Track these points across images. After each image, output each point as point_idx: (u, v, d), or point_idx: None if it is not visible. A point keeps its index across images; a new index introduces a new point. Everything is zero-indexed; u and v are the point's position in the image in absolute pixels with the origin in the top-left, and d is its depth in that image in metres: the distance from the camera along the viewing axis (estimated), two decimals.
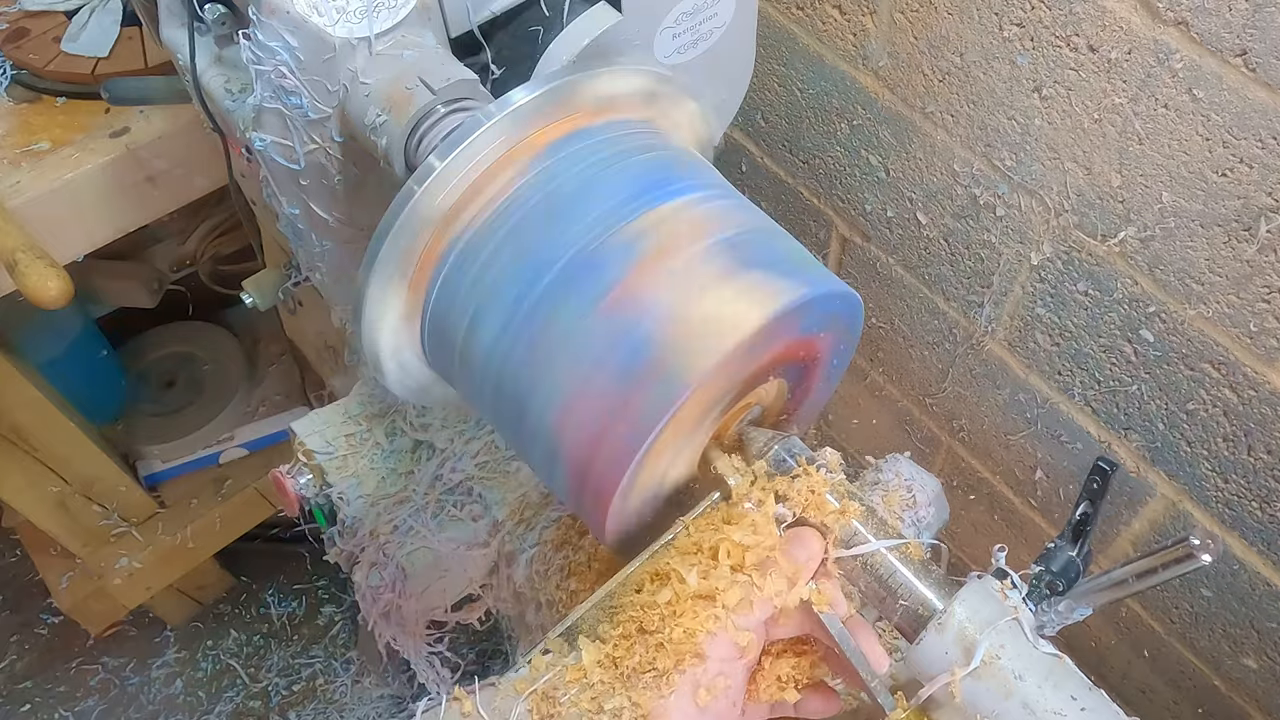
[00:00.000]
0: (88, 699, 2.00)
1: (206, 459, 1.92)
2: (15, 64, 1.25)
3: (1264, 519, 0.87)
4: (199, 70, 0.77)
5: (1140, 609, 1.06)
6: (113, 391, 1.92)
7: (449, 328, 0.63)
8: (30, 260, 0.99)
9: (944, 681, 0.54)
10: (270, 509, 1.96)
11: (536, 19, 0.72)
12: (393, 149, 0.63)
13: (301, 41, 0.62)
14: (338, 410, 1.04)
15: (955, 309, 1.07)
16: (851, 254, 1.18)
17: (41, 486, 1.63)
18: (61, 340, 1.71)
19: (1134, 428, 0.94)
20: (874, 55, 0.97)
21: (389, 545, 0.94)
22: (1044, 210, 0.90)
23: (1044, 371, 1.01)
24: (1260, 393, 0.81)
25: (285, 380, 2.04)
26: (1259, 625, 0.93)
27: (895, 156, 1.03)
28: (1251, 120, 0.70)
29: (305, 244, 0.78)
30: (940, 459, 1.25)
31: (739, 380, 0.60)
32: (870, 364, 1.27)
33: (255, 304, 1.20)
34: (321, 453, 1.01)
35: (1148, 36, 0.73)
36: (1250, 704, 1.01)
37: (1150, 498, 0.97)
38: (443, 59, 0.65)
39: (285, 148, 0.68)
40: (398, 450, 1.02)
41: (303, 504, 1.01)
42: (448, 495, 0.97)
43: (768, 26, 1.07)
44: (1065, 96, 0.81)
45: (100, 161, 1.18)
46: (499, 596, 0.99)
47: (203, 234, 1.84)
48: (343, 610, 2.11)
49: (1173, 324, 0.85)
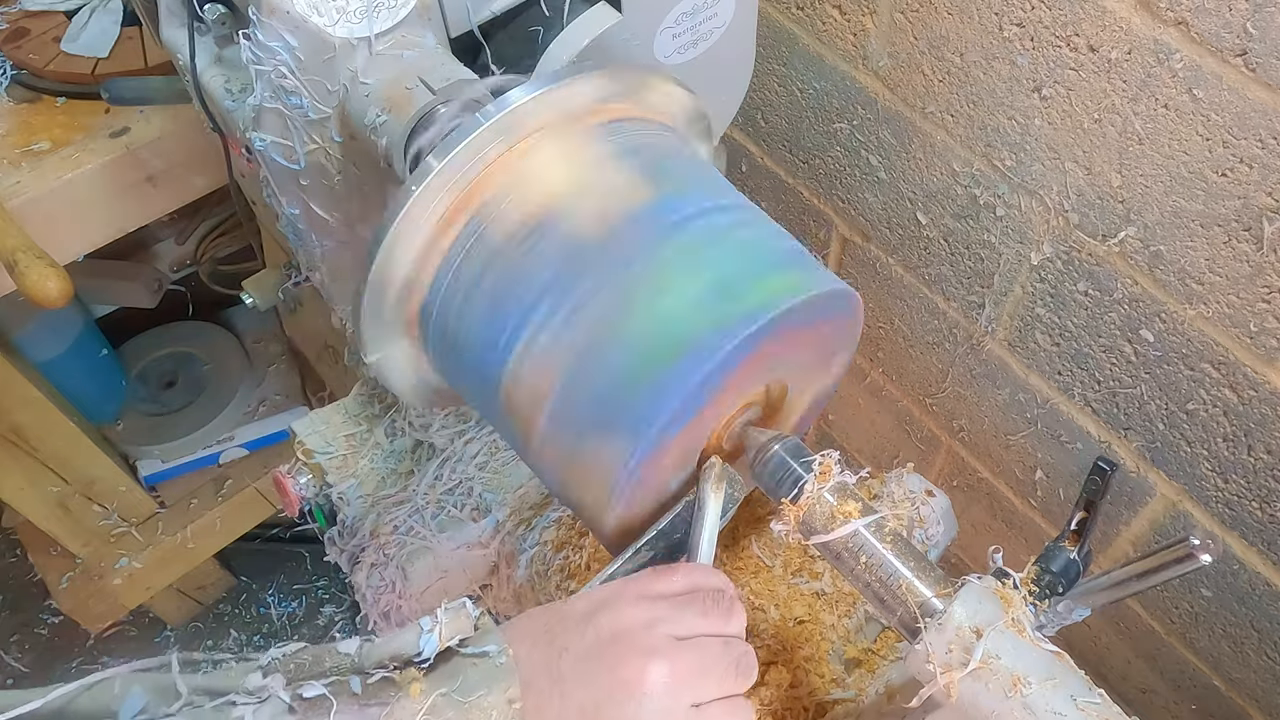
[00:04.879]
0: None
1: (206, 459, 1.92)
2: (15, 64, 1.25)
3: (1264, 519, 0.87)
4: (199, 70, 0.77)
5: (1140, 609, 1.06)
6: (113, 391, 1.92)
7: (450, 327, 0.63)
8: (30, 260, 0.99)
9: (944, 681, 0.54)
10: (270, 509, 1.96)
11: (536, 19, 0.72)
12: (393, 149, 0.63)
13: (301, 41, 0.62)
14: (338, 410, 1.04)
15: (955, 309, 1.07)
16: (851, 254, 1.18)
17: (41, 486, 1.63)
18: (61, 340, 1.71)
19: (1134, 428, 0.94)
20: (874, 55, 0.97)
21: (389, 545, 0.94)
22: (1044, 210, 0.90)
23: (1044, 371, 1.01)
24: (1260, 393, 0.81)
25: (285, 380, 2.03)
26: (1259, 625, 0.93)
27: (895, 156, 1.03)
28: (1251, 120, 0.70)
29: (305, 244, 0.78)
30: (940, 459, 1.25)
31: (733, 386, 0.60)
32: (870, 364, 1.27)
33: (255, 304, 1.20)
34: (321, 453, 1.01)
35: (1148, 36, 0.73)
36: (1250, 704, 1.01)
37: (1150, 498, 0.97)
38: (443, 59, 0.65)
39: (285, 148, 0.68)
40: (398, 450, 1.02)
41: (303, 504, 1.01)
42: (448, 495, 0.97)
43: (768, 26, 1.07)
44: (1065, 96, 0.81)
45: (100, 161, 1.18)
46: (499, 597, 0.99)
47: (203, 234, 1.84)
48: (343, 610, 2.11)
49: (1173, 324, 0.85)
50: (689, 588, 0.56)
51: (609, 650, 0.51)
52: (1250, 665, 0.97)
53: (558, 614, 0.55)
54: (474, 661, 0.50)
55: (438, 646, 0.49)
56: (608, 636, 0.52)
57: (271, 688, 0.47)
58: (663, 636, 0.52)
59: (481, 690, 0.48)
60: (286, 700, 0.46)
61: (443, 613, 0.51)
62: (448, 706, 0.47)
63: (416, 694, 0.47)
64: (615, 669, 0.51)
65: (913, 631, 0.57)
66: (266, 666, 0.48)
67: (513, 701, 0.49)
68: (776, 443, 0.63)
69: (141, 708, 0.45)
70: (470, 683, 0.48)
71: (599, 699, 0.50)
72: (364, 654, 0.49)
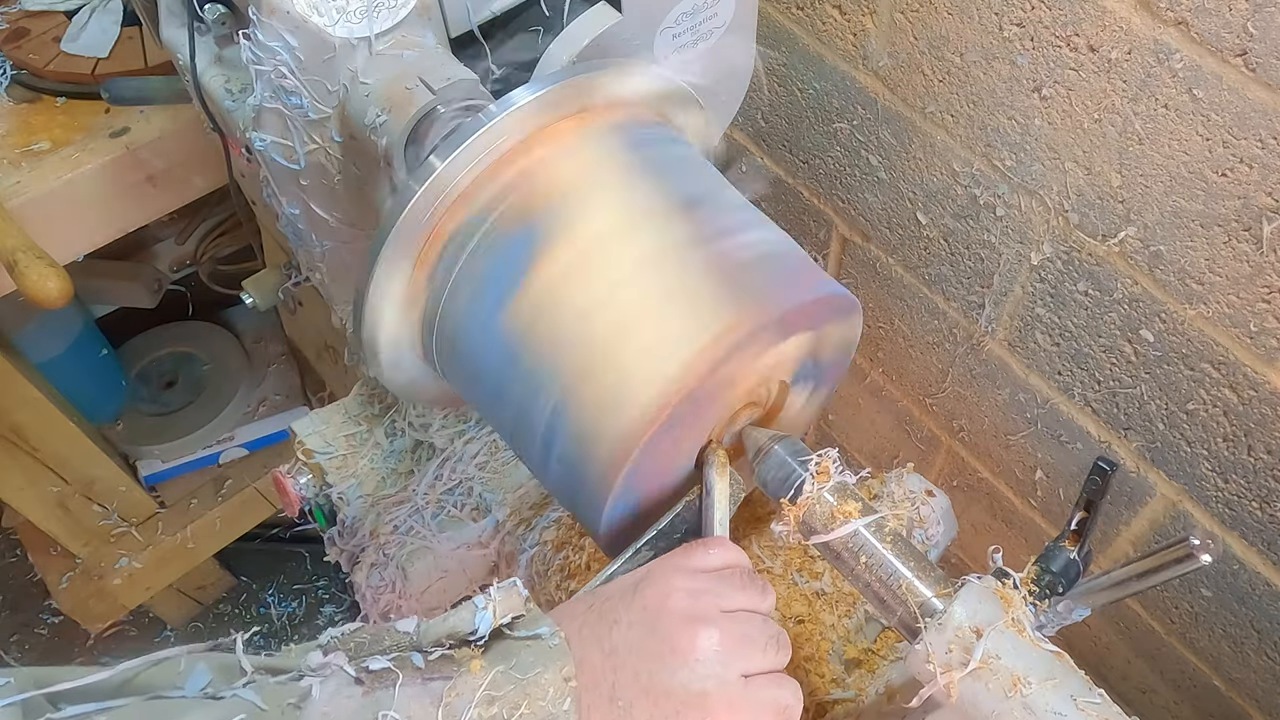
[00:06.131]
0: None
1: (206, 459, 1.93)
2: (15, 64, 1.25)
3: (1264, 519, 0.87)
4: (199, 70, 0.77)
5: (1140, 609, 1.06)
6: (113, 391, 1.92)
7: (449, 327, 0.63)
8: (30, 260, 0.99)
9: (944, 681, 0.54)
10: (270, 509, 1.96)
11: (536, 19, 0.72)
12: (393, 149, 0.63)
13: (301, 41, 0.62)
14: (338, 410, 1.04)
15: (955, 309, 1.07)
16: (851, 254, 1.18)
17: (41, 486, 1.63)
18: (61, 340, 1.71)
19: (1134, 428, 0.94)
20: (874, 55, 0.97)
21: (389, 545, 0.94)
22: (1044, 210, 0.90)
23: (1044, 371, 1.01)
24: (1260, 393, 0.81)
25: (285, 380, 2.04)
26: (1259, 625, 0.93)
27: (895, 156, 1.03)
28: (1251, 120, 0.70)
29: (305, 244, 0.78)
30: (940, 459, 1.25)
31: (725, 390, 0.60)
32: (870, 364, 1.27)
33: (255, 304, 1.20)
34: (321, 453, 1.01)
35: (1148, 36, 0.73)
36: (1250, 704, 1.01)
37: (1150, 498, 0.97)
38: (443, 59, 0.65)
39: (285, 148, 0.68)
40: (398, 450, 1.02)
41: (303, 504, 1.01)
42: (448, 495, 0.97)
43: (768, 26, 1.07)
44: (1065, 96, 0.81)
45: (100, 161, 1.18)
46: None
47: (203, 234, 1.84)
48: (343, 610, 2.11)
49: (1173, 324, 0.85)
50: (726, 563, 0.57)
51: (659, 620, 0.52)
52: (1250, 665, 0.97)
53: (600, 594, 0.55)
54: (527, 643, 0.50)
55: (492, 623, 0.50)
56: (655, 607, 0.53)
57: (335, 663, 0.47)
58: (709, 605, 0.53)
59: (538, 669, 0.49)
60: (352, 674, 0.47)
61: (495, 590, 0.52)
62: (506, 682, 0.48)
63: (477, 669, 0.48)
64: (666, 637, 0.51)
65: (913, 631, 0.57)
66: (326, 645, 0.49)
67: (568, 680, 0.49)
68: (776, 442, 0.63)
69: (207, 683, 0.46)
70: (525, 662, 0.49)
71: (653, 668, 0.51)
72: (422, 632, 0.50)
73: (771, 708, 0.53)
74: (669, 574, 0.55)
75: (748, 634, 0.53)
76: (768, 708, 0.52)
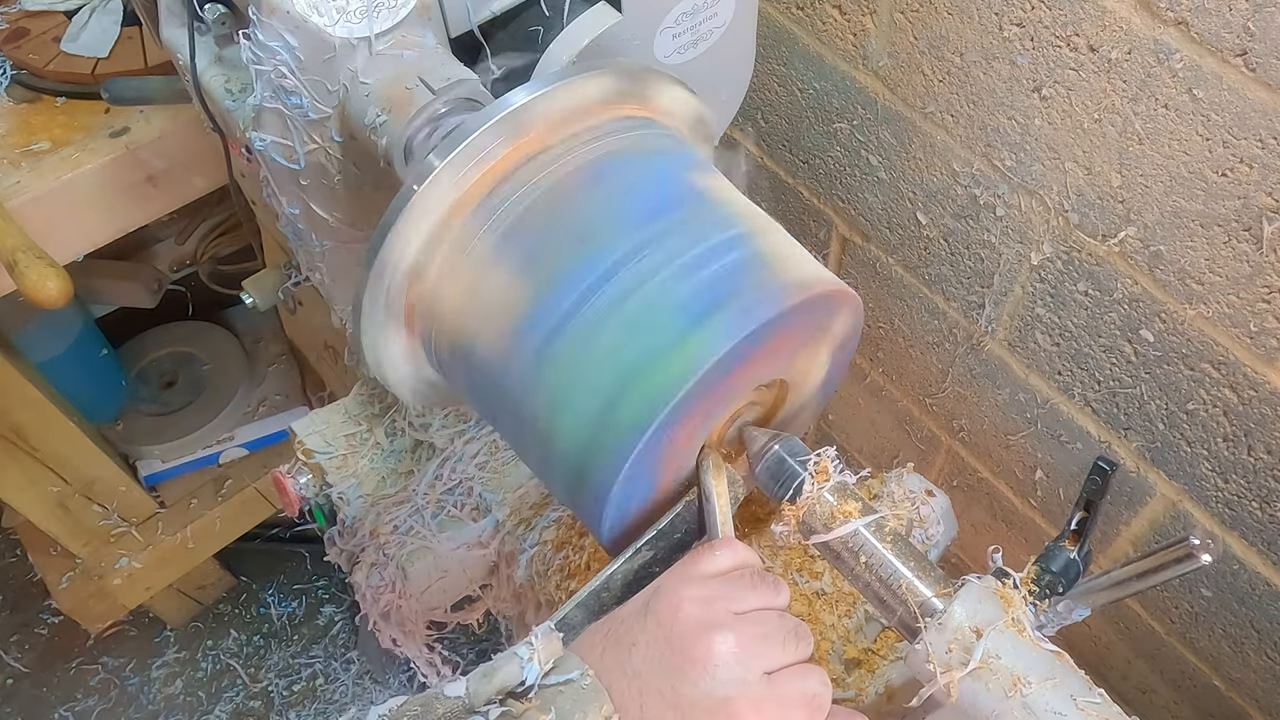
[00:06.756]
0: (88, 699, 2.00)
1: (206, 459, 1.93)
2: (15, 64, 1.25)
3: (1264, 519, 0.87)
4: (199, 70, 0.77)
5: (1140, 609, 1.06)
6: (112, 391, 1.92)
7: (450, 328, 0.63)
8: (30, 260, 0.99)
9: (944, 681, 0.54)
10: (270, 509, 1.96)
11: (536, 19, 0.72)
12: (393, 149, 0.63)
13: (301, 41, 0.62)
14: (338, 410, 1.04)
15: (955, 309, 1.07)
16: (851, 254, 1.18)
17: (41, 486, 1.63)
18: (61, 340, 1.71)
19: (1134, 428, 0.94)
20: (874, 55, 0.97)
21: (389, 545, 0.94)
22: (1044, 210, 0.90)
23: (1044, 371, 1.01)
24: (1260, 393, 0.81)
25: (285, 380, 2.04)
26: (1259, 625, 0.93)
27: (895, 156, 1.03)
28: (1251, 120, 0.70)
29: (305, 244, 0.78)
30: (940, 459, 1.25)
31: (722, 392, 0.60)
32: (870, 364, 1.27)
33: (255, 304, 1.20)
34: (321, 453, 1.01)
35: (1148, 36, 0.73)
36: (1250, 704, 1.01)
37: (1150, 498, 0.97)
38: (443, 59, 0.65)
39: (285, 148, 0.68)
40: (398, 450, 1.02)
41: (303, 504, 1.01)
42: (448, 495, 0.97)
43: (768, 26, 1.07)
44: (1065, 96, 0.81)
45: (100, 161, 1.18)
46: (499, 597, 0.99)
47: (203, 234, 1.84)
48: (343, 610, 2.11)
49: (1173, 324, 0.85)
50: (734, 564, 0.57)
51: (673, 633, 0.52)
52: (1250, 665, 0.97)
53: (614, 619, 0.56)
54: (560, 689, 0.51)
55: (539, 673, 0.51)
56: (668, 621, 0.53)
57: None
58: (721, 610, 0.53)
59: (577, 715, 0.50)
60: None
61: (536, 639, 0.52)
62: None
63: None
64: (683, 649, 0.52)
65: (913, 631, 0.57)
66: None
67: (609, 717, 0.50)
68: (776, 442, 0.63)
69: None
70: (564, 710, 0.50)
71: (675, 682, 0.51)
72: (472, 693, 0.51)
73: (799, 699, 0.53)
74: (678, 585, 0.55)
75: (764, 632, 0.53)
76: (795, 700, 0.53)
